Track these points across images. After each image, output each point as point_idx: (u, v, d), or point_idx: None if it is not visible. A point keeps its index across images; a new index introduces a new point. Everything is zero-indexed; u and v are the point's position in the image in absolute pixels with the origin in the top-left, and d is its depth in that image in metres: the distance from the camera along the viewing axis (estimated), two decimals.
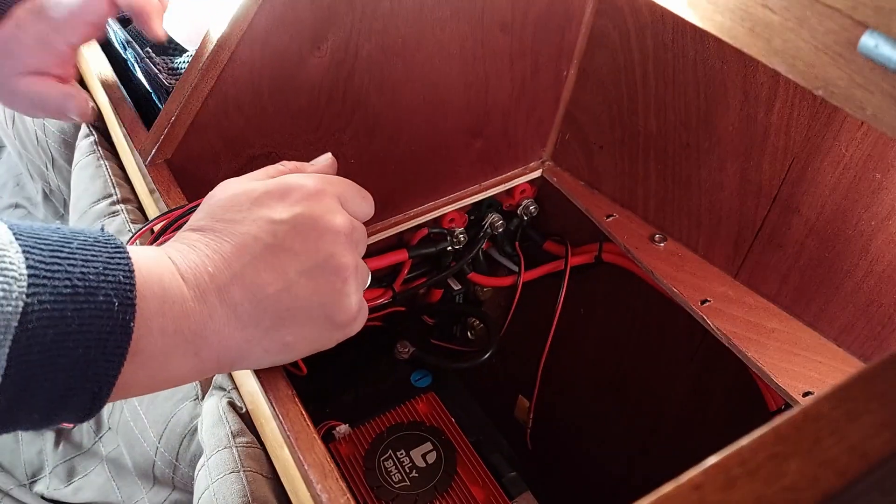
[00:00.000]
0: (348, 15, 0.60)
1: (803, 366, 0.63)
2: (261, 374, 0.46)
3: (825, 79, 0.28)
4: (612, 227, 0.77)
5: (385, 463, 0.69)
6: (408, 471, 0.68)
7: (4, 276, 0.32)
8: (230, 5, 0.55)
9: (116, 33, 0.73)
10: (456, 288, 0.86)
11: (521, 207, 0.85)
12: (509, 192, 0.84)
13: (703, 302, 0.69)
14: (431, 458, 0.70)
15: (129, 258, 0.36)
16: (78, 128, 0.85)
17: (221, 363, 0.41)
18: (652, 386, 0.85)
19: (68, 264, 0.34)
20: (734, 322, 0.67)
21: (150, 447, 0.65)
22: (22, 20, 0.61)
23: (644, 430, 0.89)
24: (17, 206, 1.00)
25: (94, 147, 0.80)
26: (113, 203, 0.75)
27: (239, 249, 0.41)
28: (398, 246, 0.80)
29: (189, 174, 0.62)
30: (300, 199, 0.43)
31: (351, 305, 0.44)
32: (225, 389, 0.60)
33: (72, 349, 0.33)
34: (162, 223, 0.52)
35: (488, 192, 0.81)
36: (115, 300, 0.34)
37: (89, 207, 0.77)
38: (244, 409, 0.58)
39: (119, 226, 0.73)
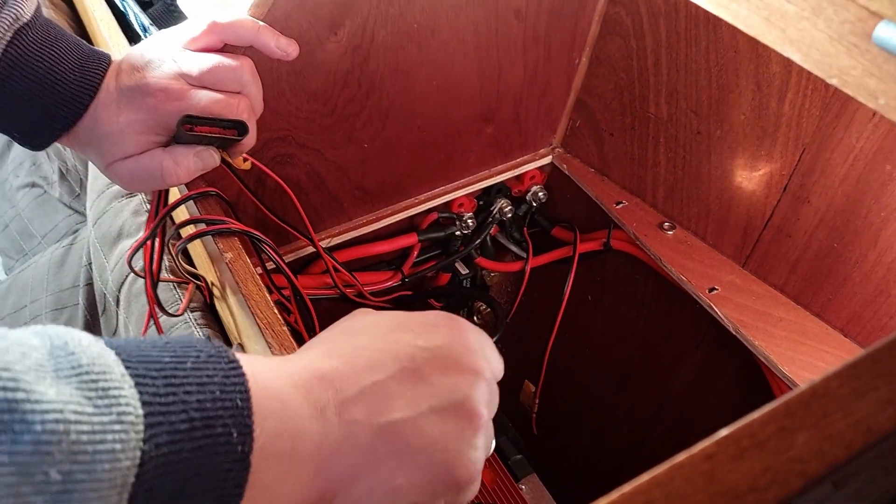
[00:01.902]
0: (365, 1, 0.60)
1: (810, 355, 0.64)
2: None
3: (839, 68, 0.28)
4: (622, 215, 0.77)
5: None
6: None
7: (122, 422, 0.26)
8: None
9: (137, 16, 0.74)
10: (464, 272, 0.87)
11: (530, 193, 0.86)
12: (519, 177, 0.84)
13: (711, 290, 0.70)
14: None
15: (244, 375, 0.31)
16: None
17: (325, 495, 0.35)
18: (658, 373, 0.86)
19: (184, 392, 0.29)
20: (741, 310, 0.68)
21: None
22: (113, 108, 0.53)
23: (648, 415, 0.89)
24: (33, 185, 1.01)
25: None
26: None
27: (372, 366, 0.36)
28: (408, 230, 0.80)
29: None
30: (447, 333, 0.39)
31: (476, 462, 0.37)
32: None
33: (190, 497, 0.28)
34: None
35: (498, 177, 0.82)
36: (232, 430, 0.29)
37: (106, 188, 0.78)
38: None
39: (136, 206, 0.74)
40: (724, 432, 0.19)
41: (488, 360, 0.40)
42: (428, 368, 0.37)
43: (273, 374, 0.33)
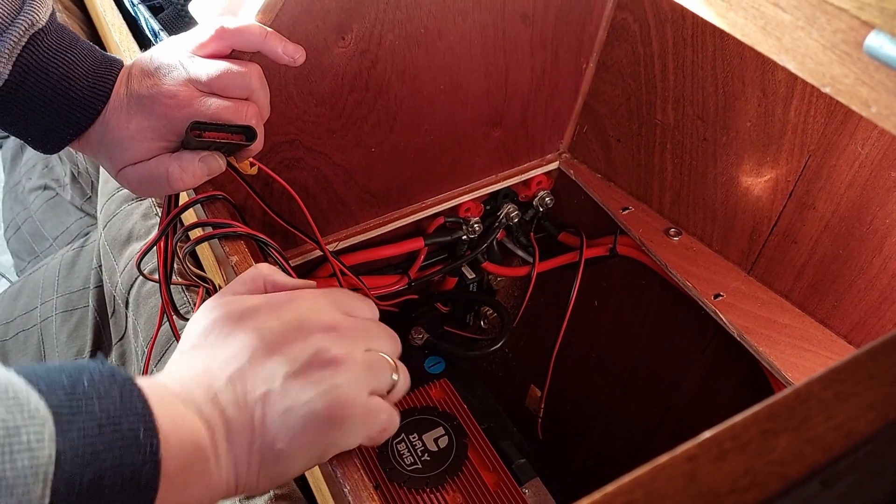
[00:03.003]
0: (372, 5, 0.61)
1: (814, 362, 0.64)
2: None
3: (832, 76, 0.28)
4: (628, 220, 0.78)
5: (398, 446, 0.71)
6: (420, 454, 0.70)
7: (34, 422, 0.30)
8: None
9: (148, 21, 0.75)
10: (470, 276, 0.87)
11: (536, 198, 0.86)
12: (526, 182, 0.85)
13: (717, 296, 0.70)
14: (443, 442, 0.71)
15: (139, 386, 0.35)
16: None
17: (229, 483, 0.39)
18: (662, 378, 0.86)
19: (87, 400, 0.32)
20: (746, 317, 0.68)
21: None
22: (123, 114, 0.54)
23: (653, 421, 0.89)
24: (45, 187, 1.03)
25: None
26: None
27: (231, 357, 0.40)
28: (415, 234, 0.81)
29: None
30: (291, 308, 0.43)
31: (344, 397, 0.41)
32: None
33: (110, 489, 0.31)
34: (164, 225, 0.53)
35: (505, 182, 0.82)
36: (139, 429, 0.33)
37: (116, 191, 0.79)
38: None
39: (146, 209, 0.75)
40: (706, 434, 0.19)
41: (350, 311, 0.45)
42: (278, 342, 0.41)
43: (155, 385, 0.37)
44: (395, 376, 0.45)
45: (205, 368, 0.40)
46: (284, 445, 0.39)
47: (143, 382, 0.36)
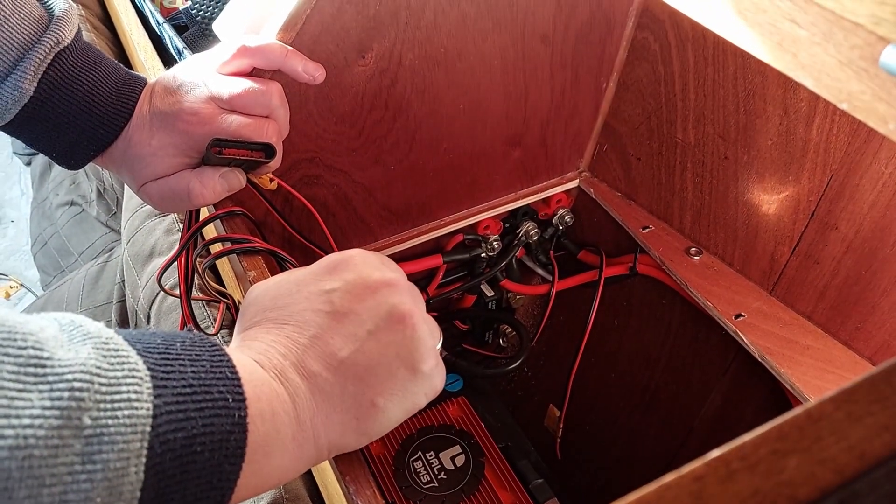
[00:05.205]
0: (392, 25, 0.61)
1: (837, 384, 0.62)
2: None
3: (849, 93, 0.28)
4: (648, 239, 0.77)
5: (414, 463, 0.70)
6: (436, 472, 0.69)
7: (134, 377, 0.30)
8: (280, 14, 0.57)
9: (172, 40, 0.76)
10: (489, 294, 0.87)
11: (556, 217, 0.86)
12: (545, 201, 0.85)
13: (738, 316, 0.69)
14: (460, 461, 0.71)
15: (227, 354, 0.36)
16: None
17: (319, 445, 0.39)
18: (684, 400, 0.85)
19: (179, 364, 0.33)
20: (768, 338, 0.67)
21: None
22: (145, 130, 0.55)
23: (674, 443, 0.88)
24: (72, 203, 1.04)
25: None
26: None
27: (301, 326, 0.40)
28: (433, 251, 0.81)
29: None
30: (346, 267, 0.43)
31: (428, 350, 0.43)
32: None
33: (199, 453, 0.31)
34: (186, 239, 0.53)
35: (524, 200, 0.82)
36: (228, 395, 0.33)
37: (140, 207, 0.80)
38: None
39: (169, 224, 0.76)
40: (714, 454, 0.19)
41: (393, 269, 0.45)
42: (347, 303, 0.41)
43: (235, 355, 0.37)
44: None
45: (282, 335, 0.40)
46: (382, 399, 0.40)
47: (229, 350, 0.37)
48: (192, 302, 0.68)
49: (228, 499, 0.33)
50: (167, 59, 0.81)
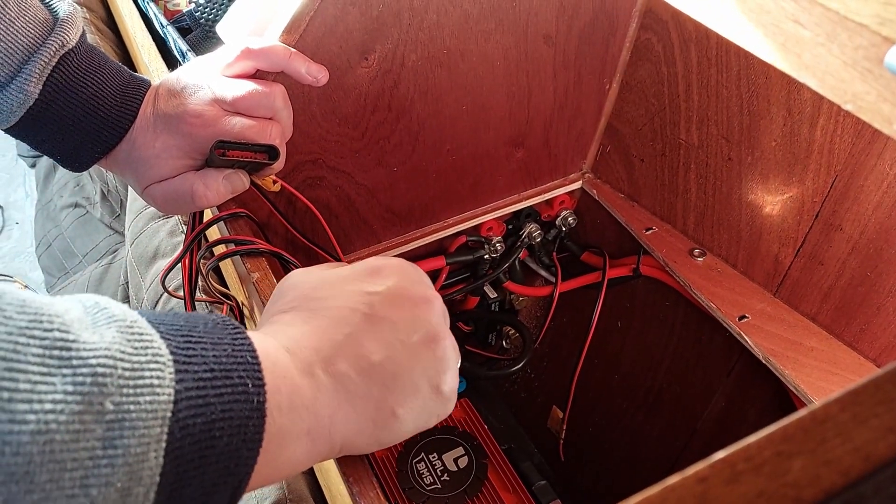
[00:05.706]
0: (395, 27, 0.61)
1: (841, 386, 0.62)
2: None
3: (853, 93, 0.28)
4: (651, 241, 0.77)
5: (417, 465, 0.70)
6: (439, 474, 0.69)
7: (157, 362, 0.30)
8: (284, 16, 0.57)
9: (176, 42, 0.77)
10: (492, 296, 0.87)
11: (559, 218, 0.86)
12: (548, 202, 0.84)
13: (741, 318, 0.69)
14: (463, 462, 0.70)
15: (249, 338, 0.35)
16: None
17: (333, 442, 0.39)
18: (687, 401, 0.85)
19: (201, 348, 0.33)
20: (772, 339, 0.66)
21: None
22: (149, 132, 0.55)
23: (678, 445, 0.88)
24: (76, 205, 1.05)
25: None
26: None
27: (338, 322, 0.40)
28: (436, 252, 0.81)
29: None
30: (390, 274, 0.43)
31: (453, 374, 0.43)
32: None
33: (218, 438, 0.31)
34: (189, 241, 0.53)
35: (527, 201, 0.82)
36: (247, 381, 0.33)
37: (144, 209, 0.80)
38: None
39: (172, 227, 0.76)
40: (719, 455, 0.18)
41: (431, 287, 0.45)
42: (385, 309, 0.41)
43: (262, 339, 0.37)
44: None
45: (318, 328, 0.40)
46: (402, 410, 0.40)
47: (251, 335, 0.36)
48: (196, 303, 0.68)
49: (245, 484, 0.33)
50: (171, 62, 0.81)
